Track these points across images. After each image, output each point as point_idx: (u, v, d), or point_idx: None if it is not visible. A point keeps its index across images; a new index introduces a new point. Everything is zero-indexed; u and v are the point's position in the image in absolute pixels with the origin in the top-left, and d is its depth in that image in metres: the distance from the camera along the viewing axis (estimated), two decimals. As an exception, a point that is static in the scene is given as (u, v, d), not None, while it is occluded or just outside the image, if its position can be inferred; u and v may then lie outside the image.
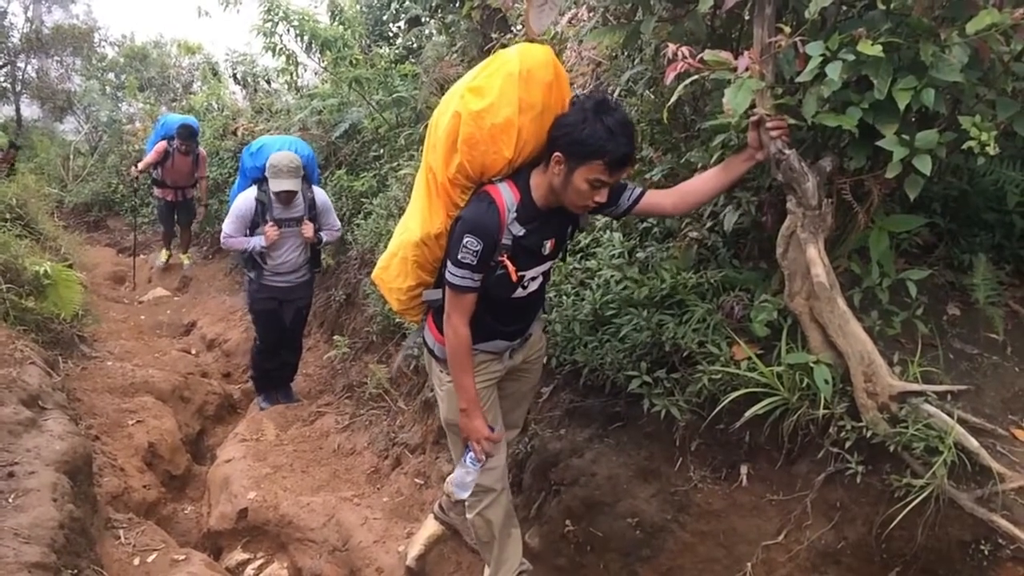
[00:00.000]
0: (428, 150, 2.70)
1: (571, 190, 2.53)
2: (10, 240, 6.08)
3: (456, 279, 2.62)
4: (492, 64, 2.54)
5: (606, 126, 2.42)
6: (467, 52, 6.73)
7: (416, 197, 2.80)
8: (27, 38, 21.32)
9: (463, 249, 2.55)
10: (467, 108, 2.49)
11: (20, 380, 4.34)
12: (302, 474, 5.02)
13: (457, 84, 2.65)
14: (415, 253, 2.77)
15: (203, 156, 9.66)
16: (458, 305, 2.69)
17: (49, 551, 3.14)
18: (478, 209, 2.58)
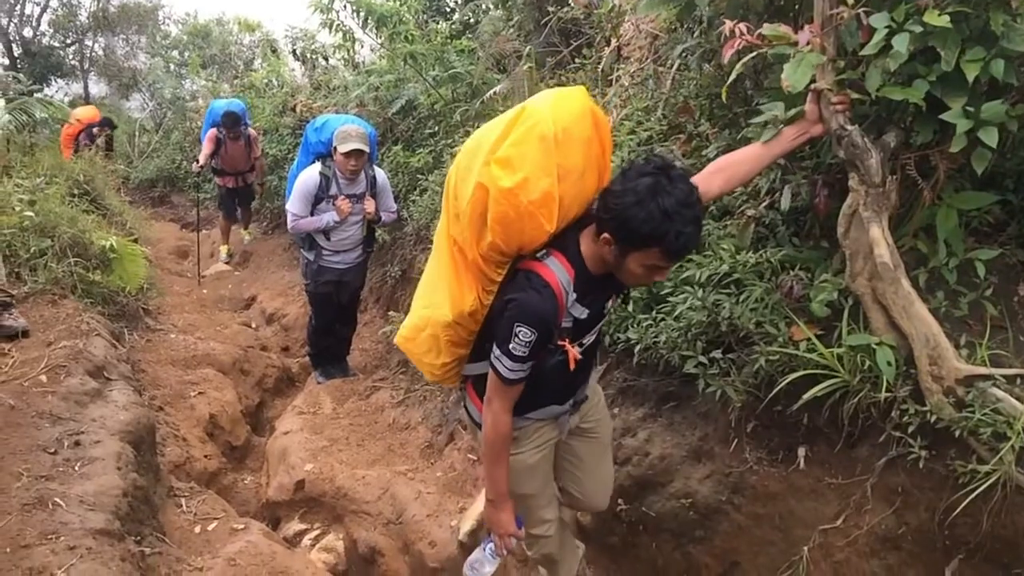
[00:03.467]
0: (450, 220, 2.38)
1: (625, 272, 2.26)
2: (78, 215, 6.25)
3: (505, 370, 2.30)
4: (520, 124, 2.17)
5: (663, 209, 2.05)
6: (523, 26, 6.67)
7: (440, 269, 2.47)
8: (95, 16, 21.85)
9: (515, 340, 2.23)
10: (496, 184, 2.14)
11: (87, 351, 4.47)
12: (357, 448, 5.09)
13: (479, 139, 2.29)
14: (448, 333, 2.48)
15: (254, 137, 9.72)
16: (504, 394, 2.40)
17: (113, 518, 3.23)
18: (530, 295, 2.23)
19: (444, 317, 2.42)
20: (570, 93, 2.30)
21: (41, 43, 21.99)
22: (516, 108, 2.25)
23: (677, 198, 2.06)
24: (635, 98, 4.33)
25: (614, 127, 4.25)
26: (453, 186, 2.35)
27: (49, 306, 5.06)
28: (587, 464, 2.96)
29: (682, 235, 2.08)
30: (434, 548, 4.01)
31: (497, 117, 2.34)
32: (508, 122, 2.19)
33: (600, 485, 3.05)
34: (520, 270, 2.30)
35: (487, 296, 2.39)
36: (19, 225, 5.56)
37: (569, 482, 3.00)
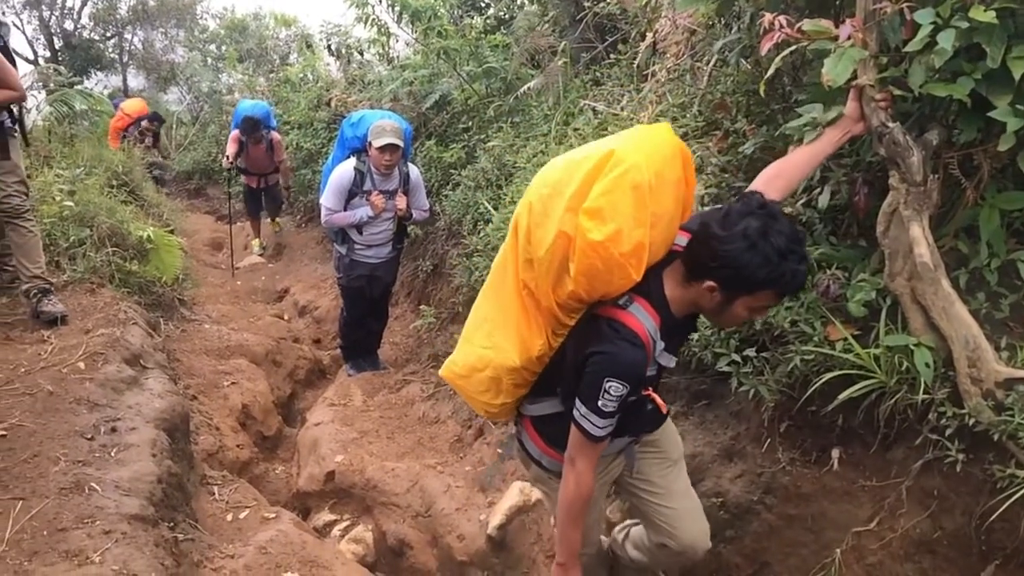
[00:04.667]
0: (520, 263, 2.24)
1: (726, 315, 2.15)
2: (116, 205, 6.35)
3: (594, 428, 2.15)
4: (609, 170, 2.03)
5: (777, 249, 1.95)
6: (559, 22, 6.65)
7: (505, 310, 2.34)
8: (134, 10, 22.18)
9: (605, 396, 2.08)
10: (584, 237, 2.01)
11: (124, 340, 4.54)
12: (387, 440, 5.12)
13: (555, 183, 2.13)
14: (512, 377, 2.36)
15: (277, 141, 9.75)
16: (591, 452, 2.24)
17: (148, 504, 3.28)
18: (620, 347, 2.09)
19: (510, 362, 2.31)
20: (658, 133, 2.19)
21: (81, 36, 22.37)
22: (598, 149, 2.11)
23: (787, 236, 1.99)
24: (671, 94, 4.31)
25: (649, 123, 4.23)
26: (525, 230, 2.19)
27: (87, 295, 5.15)
28: (667, 487, 2.68)
29: (797, 273, 2.02)
30: (462, 542, 4.02)
31: (572, 155, 2.21)
32: (594, 166, 2.05)
33: (696, 514, 2.73)
34: (601, 318, 2.15)
35: (556, 339, 2.29)
36: (59, 215, 5.66)
37: (658, 520, 2.68)
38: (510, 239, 2.29)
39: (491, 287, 2.42)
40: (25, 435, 3.48)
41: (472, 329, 2.46)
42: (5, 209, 4.52)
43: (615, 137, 2.22)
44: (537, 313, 2.26)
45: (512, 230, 2.27)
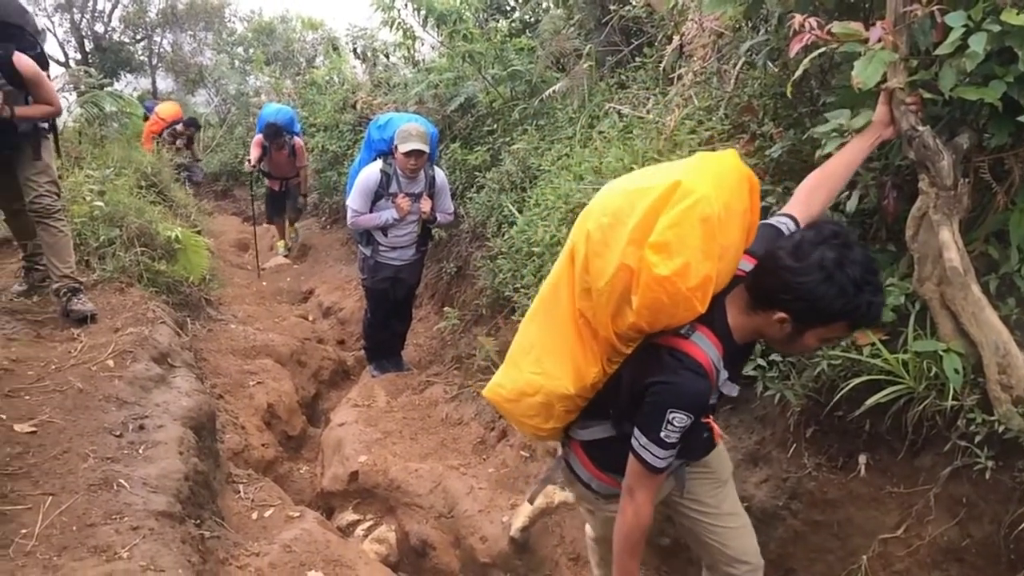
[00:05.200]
0: (577, 292, 2.19)
1: (795, 346, 2.11)
2: (145, 206, 6.43)
3: (655, 459, 2.09)
4: (676, 202, 1.97)
5: (853, 280, 1.90)
6: (584, 25, 6.64)
7: (557, 337, 2.27)
8: (163, 13, 22.44)
9: (668, 427, 2.03)
10: (651, 271, 1.95)
11: (152, 338, 4.59)
12: (411, 441, 5.14)
13: (615, 211, 2.06)
14: (565, 404, 2.32)
15: (299, 146, 9.84)
16: (651, 484, 2.18)
17: (175, 501, 3.31)
18: (684, 377, 2.04)
19: (563, 389, 2.26)
20: (725, 161, 2.13)
21: (112, 39, 22.68)
22: (663, 178, 2.03)
23: (863, 266, 1.93)
24: (697, 97, 4.29)
25: (675, 126, 4.22)
26: (583, 258, 2.12)
27: (116, 294, 5.22)
28: (717, 507, 2.59)
29: (873, 305, 1.95)
30: (485, 543, 4.03)
31: (633, 182, 2.13)
32: (659, 197, 1.98)
33: (746, 531, 2.65)
34: (663, 347, 2.09)
35: (611, 367, 2.25)
36: (89, 215, 5.74)
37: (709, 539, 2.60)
38: (565, 265, 2.22)
39: (541, 312, 2.35)
40: (55, 431, 3.53)
41: (520, 353, 2.39)
42: (36, 209, 4.59)
43: (678, 165, 2.16)
44: (593, 341, 2.21)
45: (567, 257, 2.21)
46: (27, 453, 3.33)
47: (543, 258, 4.75)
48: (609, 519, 2.50)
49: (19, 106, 4.40)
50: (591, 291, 2.12)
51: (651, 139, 4.57)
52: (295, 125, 9.94)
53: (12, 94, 4.36)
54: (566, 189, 4.83)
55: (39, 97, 4.53)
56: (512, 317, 5.26)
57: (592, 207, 2.17)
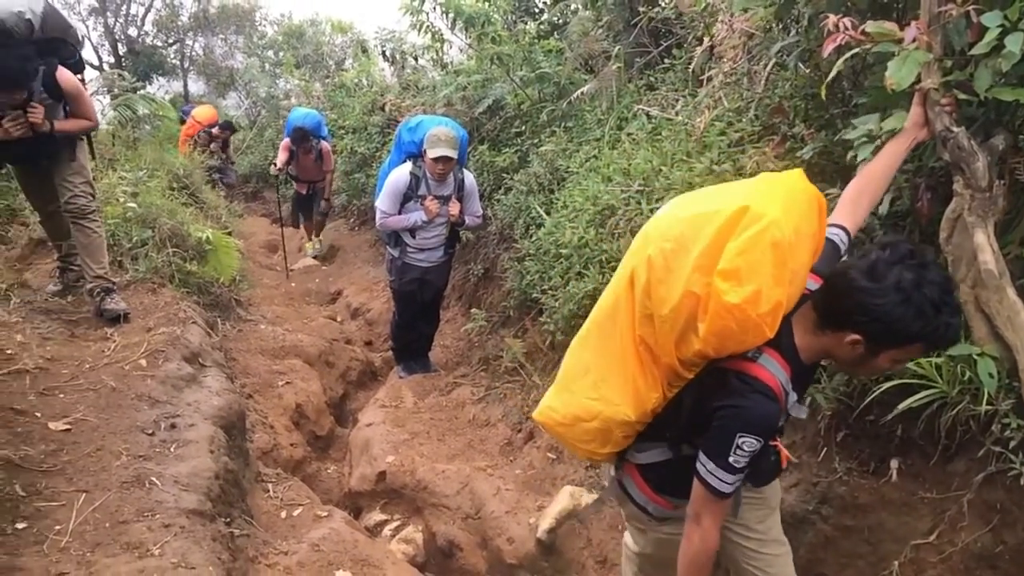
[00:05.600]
0: (637, 318, 2.13)
1: (866, 367, 2.07)
2: (177, 207, 6.51)
3: (722, 484, 2.04)
4: (745, 227, 1.92)
5: (931, 302, 1.86)
6: (613, 27, 6.63)
7: (615, 362, 2.21)
8: (195, 17, 22.73)
9: (737, 452, 1.99)
10: (720, 299, 1.91)
11: (183, 338, 4.64)
12: (438, 442, 5.15)
13: (678, 237, 2.01)
14: (624, 430, 2.27)
15: (326, 151, 9.91)
16: (716, 509, 2.12)
17: (205, 499, 3.34)
18: (754, 401, 2.00)
19: (622, 416, 2.21)
20: (793, 183, 2.08)
21: (145, 42, 23.01)
22: (728, 202, 1.98)
23: (940, 286, 1.88)
24: (727, 98, 4.27)
25: (705, 128, 4.20)
26: (644, 285, 2.07)
27: (149, 294, 5.28)
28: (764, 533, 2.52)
29: (951, 327, 1.92)
30: (512, 545, 4.03)
31: (694, 206, 2.08)
32: (726, 223, 1.94)
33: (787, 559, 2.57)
34: (729, 371, 2.05)
35: (671, 391, 2.20)
36: (123, 216, 5.82)
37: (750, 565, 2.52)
38: (624, 290, 2.17)
39: (597, 335, 2.29)
40: (89, 429, 3.58)
41: (573, 377, 2.34)
42: (71, 209, 4.66)
43: (742, 187, 2.12)
44: (653, 367, 2.16)
45: (627, 282, 2.15)
46: (61, 450, 3.38)
47: (571, 260, 4.75)
48: (662, 540, 2.49)
49: (58, 119, 4.50)
50: (654, 318, 2.07)
51: (680, 141, 4.56)
52: (323, 129, 10.00)
53: (51, 107, 4.46)
54: (594, 191, 4.84)
55: (78, 111, 4.64)
56: (539, 319, 5.27)
57: (651, 232, 2.13)
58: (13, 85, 4.23)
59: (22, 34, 4.17)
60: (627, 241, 4.32)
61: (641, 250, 2.11)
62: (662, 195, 4.26)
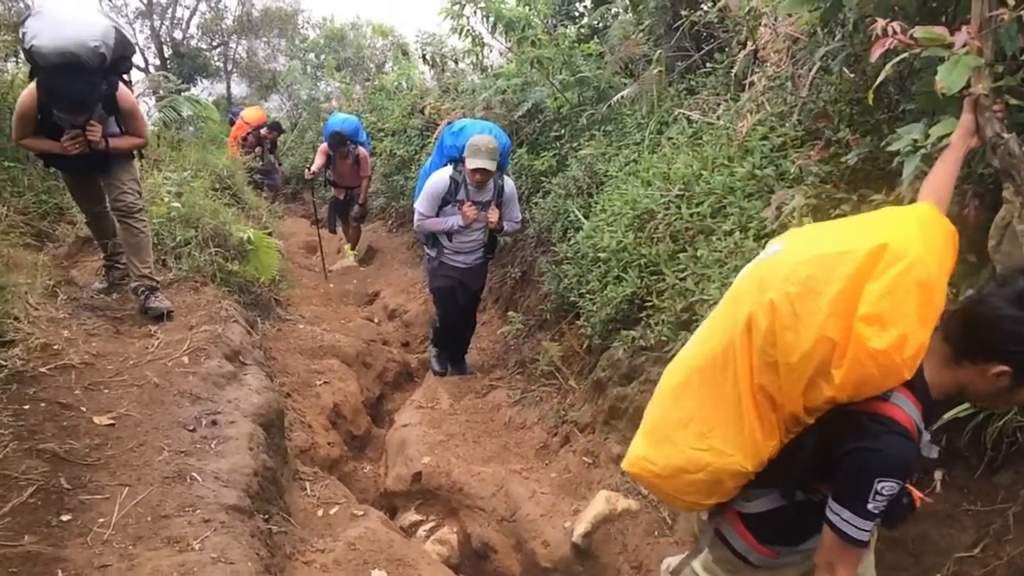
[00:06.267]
0: (756, 366, 2.01)
1: (1006, 400, 1.98)
2: (219, 208, 6.60)
3: (858, 532, 1.90)
4: (886, 267, 1.82)
5: None
6: (654, 30, 6.61)
7: (728, 412, 2.08)
8: (239, 20, 23.05)
9: (876, 497, 1.85)
10: (864, 346, 1.81)
11: (225, 336, 4.70)
12: (473, 444, 5.16)
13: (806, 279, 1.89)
14: (738, 481, 2.15)
15: (363, 156, 9.87)
16: (851, 558, 1.97)
17: (244, 495, 3.38)
18: (891, 443, 1.87)
19: (737, 467, 2.08)
20: (926, 216, 2.00)
21: (189, 45, 23.40)
22: (862, 241, 1.87)
23: None
24: (769, 103, 4.23)
25: (748, 132, 4.17)
26: (767, 331, 1.94)
27: (191, 292, 5.36)
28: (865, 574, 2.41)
29: None
30: (547, 548, 4.02)
31: (816, 243, 1.97)
32: (863, 263, 1.83)
33: None
34: (861, 413, 1.93)
35: (787, 437, 2.08)
36: (167, 215, 5.91)
37: None
38: (739, 337, 2.02)
39: (700, 384, 2.16)
40: (132, 424, 3.64)
41: (674, 427, 2.20)
42: (119, 207, 4.75)
43: (869, 223, 2.02)
44: (771, 414, 2.04)
45: (743, 328, 2.01)
46: (105, 445, 3.44)
47: (609, 264, 4.74)
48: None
49: (113, 136, 4.64)
50: (778, 365, 1.95)
51: (721, 145, 4.53)
52: (360, 135, 10.00)
53: (103, 119, 4.60)
54: (633, 195, 4.82)
55: (131, 128, 4.78)
56: (576, 323, 5.26)
57: (768, 275, 1.99)
58: (80, 110, 4.42)
59: (94, 65, 4.34)
60: (666, 246, 4.30)
61: (758, 294, 1.98)
62: (702, 199, 4.24)
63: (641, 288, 4.41)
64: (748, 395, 2.03)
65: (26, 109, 4.43)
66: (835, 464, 1.92)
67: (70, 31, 4.22)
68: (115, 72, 4.64)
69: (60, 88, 4.28)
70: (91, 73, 4.35)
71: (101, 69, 4.43)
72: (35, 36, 4.17)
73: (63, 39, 4.19)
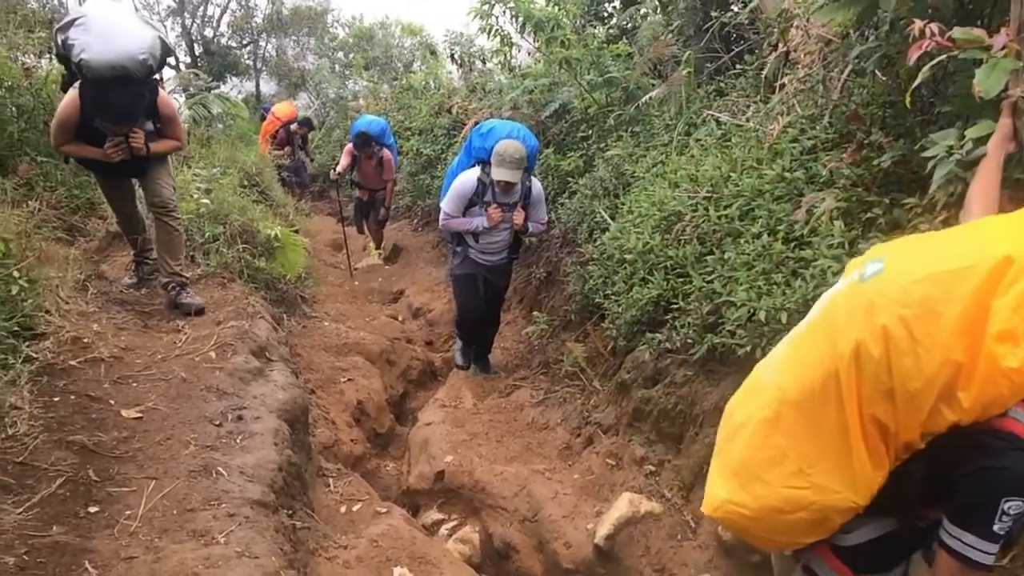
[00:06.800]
0: (870, 397, 1.89)
1: None
2: (248, 205, 6.65)
3: (982, 555, 1.80)
4: (1014, 280, 1.73)
5: None
6: (684, 31, 6.58)
7: (833, 447, 1.97)
8: (269, 19, 23.23)
9: (1003, 518, 1.76)
10: (998, 364, 1.72)
11: (251, 332, 4.74)
12: (496, 444, 5.16)
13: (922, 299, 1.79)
14: (846, 516, 2.02)
15: (387, 159, 9.71)
16: None
17: (269, 491, 3.40)
18: (1015, 460, 1.77)
19: (848, 503, 1.97)
20: None
21: (220, 43, 23.58)
22: (981, 254, 1.79)
23: None
24: (800, 105, 4.20)
25: (778, 135, 4.13)
26: (880, 360, 1.84)
27: (219, 288, 5.41)
28: None
29: None
30: (569, 549, 4.01)
31: (924, 261, 1.87)
32: (986, 279, 1.74)
33: None
34: (979, 431, 1.83)
35: (895, 465, 1.97)
36: (196, 212, 5.97)
37: None
38: (845, 368, 1.89)
39: (796, 419, 2.04)
40: (159, 418, 3.67)
41: (765, 465, 2.08)
42: (156, 204, 4.81)
43: (983, 234, 1.93)
44: (881, 444, 1.93)
45: (849, 358, 1.88)
46: (133, 438, 3.47)
47: (635, 266, 4.72)
48: None
49: (152, 142, 4.70)
50: (894, 394, 1.84)
51: (750, 147, 4.50)
52: (388, 137, 9.91)
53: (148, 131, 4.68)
54: (660, 196, 4.80)
55: (170, 132, 4.85)
56: (601, 324, 5.24)
57: (875, 298, 1.88)
58: (127, 120, 4.49)
59: (141, 77, 4.38)
60: (693, 248, 4.27)
61: (865, 320, 1.87)
62: (730, 202, 4.21)
63: (667, 290, 4.39)
64: (856, 427, 1.92)
65: (68, 117, 4.47)
66: (952, 487, 1.84)
67: (120, 44, 4.22)
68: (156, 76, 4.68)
69: (108, 100, 4.31)
70: (139, 85, 4.39)
71: (147, 79, 4.48)
72: (83, 50, 4.15)
73: (113, 53, 4.19)
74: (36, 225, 4.83)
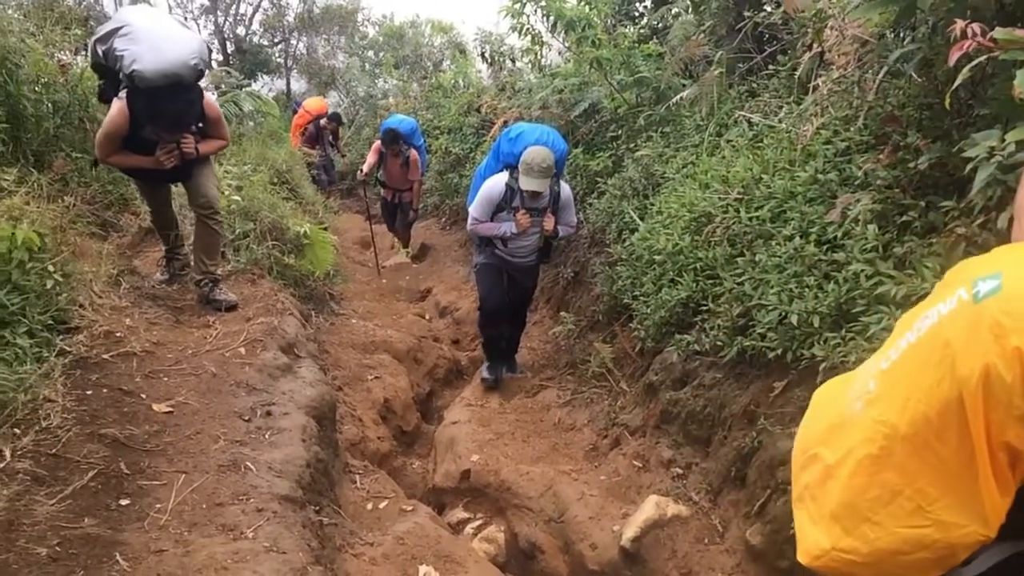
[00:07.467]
0: (998, 423, 1.76)
1: None
2: (278, 202, 6.70)
3: None
4: None
5: None
6: (716, 31, 6.52)
7: (958, 480, 1.85)
8: (300, 17, 23.40)
9: None
10: None
11: (280, 328, 4.77)
12: (523, 443, 5.15)
13: None
14: (974, 549, 1.91)
15: (414, 159, 9.58)
16: None
17: (296, 486, 3.42)
18: None
19: (977, 536, 1.85)
20: None
21: (251, 41, 23.79)
22: None
23: None
24: (834, 107, 4.15)
25: (811, 136, 4.09)
26: (1011, 382, 1.70)
27: (249, 284, 5.45)
28: None
29: None
30: (595, 550, 4.00)
31: None
32: None
33: None
34: None
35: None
36: (227, 208, 6.01)
37: None
38: (971, 394, 1.76)
39: (908, 453, 1.91)
40: (190, 413, 3.71)
41: (875, 506, 1.95)
42: (202, 204, 4.85)
43: None
44: (1008, 471, 1.81)
45: (976, 383, 1.74)
46: (163, 432, 3.51)
47: (664, 267, 4.69)
48: None
49: (201, 143, 4.77)
50: None
51: (782, 149, 4.45)
52: (417, 138, 9.81)
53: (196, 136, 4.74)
54: (691, 197, 4.76)
55: (215, 133, 4.92)
56: (629, 325, 5.22)
57: (1000, 318, 1.74)
58: (180, 127, 4.55)
59: (192, 82, 4.43)
60: (723, 250, 4.24)
61: (991, 342, 1.74)
62: (762, 203, 4.17)
63: (696, 292, 4.35)
64: (984, 455, 1.79)
65: (117, 127, 4.43)
66: None
67: (171, 53, 4.22)
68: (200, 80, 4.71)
69: (161, 107, 4.32)
70: (190, 90, 4.43)
71: (197, 83, 4.52)
72: (135, 60, 4.14)
73: (165, 62, 4.19)
74: (71, 220, 4.89)
